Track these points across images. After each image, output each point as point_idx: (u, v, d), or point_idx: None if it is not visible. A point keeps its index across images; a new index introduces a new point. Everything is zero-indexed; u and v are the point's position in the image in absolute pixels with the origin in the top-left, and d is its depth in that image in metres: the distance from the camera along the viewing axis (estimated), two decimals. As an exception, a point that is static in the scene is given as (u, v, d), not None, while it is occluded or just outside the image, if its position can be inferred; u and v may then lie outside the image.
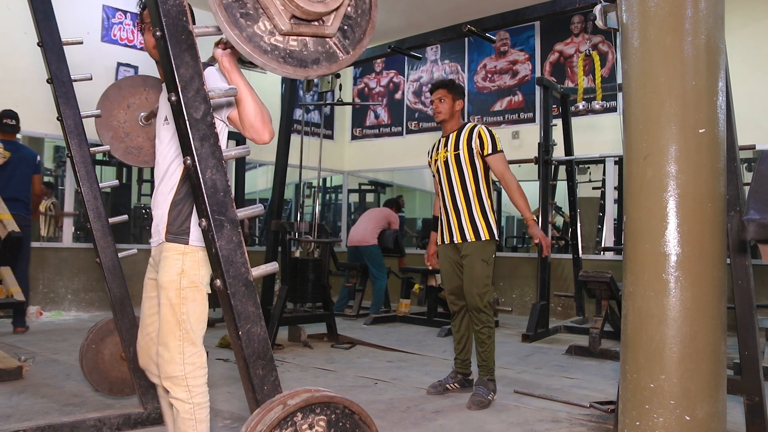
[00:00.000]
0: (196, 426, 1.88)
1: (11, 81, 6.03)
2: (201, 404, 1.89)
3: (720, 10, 1.67)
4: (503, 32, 8.00)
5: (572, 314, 6.76)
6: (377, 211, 7.22)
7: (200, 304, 1.92)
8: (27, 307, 5.56)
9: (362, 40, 1.61)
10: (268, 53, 1.46)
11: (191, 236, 1.91)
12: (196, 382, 1.89)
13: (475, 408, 3.19)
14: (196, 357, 1.90)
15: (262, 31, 1.46)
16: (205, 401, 1.91)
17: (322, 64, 1.54)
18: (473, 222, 3.40)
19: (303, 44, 1.52)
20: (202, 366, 1.91)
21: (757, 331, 2.59)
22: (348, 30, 1.58)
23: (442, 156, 3.54)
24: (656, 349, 1.60)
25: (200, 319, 1.93)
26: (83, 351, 2.98)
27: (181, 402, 1.87)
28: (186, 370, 1.87)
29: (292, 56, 1.50)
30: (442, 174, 3.52)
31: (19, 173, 5.07)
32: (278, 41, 1.48)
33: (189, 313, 1.89)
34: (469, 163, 3.43)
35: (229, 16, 1.42)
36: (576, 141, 6.69)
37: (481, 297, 3.33)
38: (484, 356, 3.36)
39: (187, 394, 1.87)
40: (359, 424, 1.52)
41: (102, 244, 2.66)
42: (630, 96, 1.71)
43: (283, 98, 5.91)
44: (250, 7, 1.45)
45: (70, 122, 2.64)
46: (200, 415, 1.89)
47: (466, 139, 3.46)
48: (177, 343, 1.87)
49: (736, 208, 2.52)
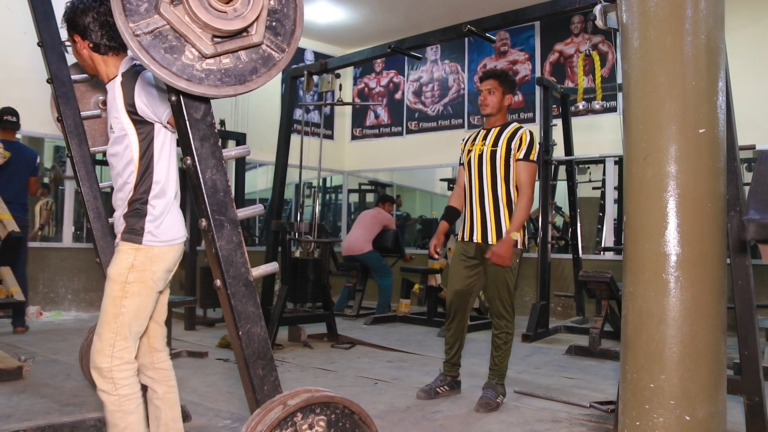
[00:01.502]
0: (124, 417, 1.88)
1: (11, 81, 6.03)
2: (128, 396, 1.89)
3: (720, 10, 1.67)
4: (503, 32, 8.00)
5: (572, 314, 6.75)
6: (369, 216, 7.06)
7: (144, 300, 1.93)
8: (27, 307, 5.56)
9: (294, 32, 1.54)
10: (204, 80, 1.42)
11: (145, 237, 1.92)
12: (121, 374, 1.89)
13: (482, 410, 3.15)
14: (125, 352, 1.90)
15: (191, 59, 1.41)
16: (133, 392, 1.91)
17: (261, 71, 1.49)
18: (498, 225, 3.27)
19: (236, 58, 1.47)
20: (130, 362, 1.91)
21: (757, 331, 2.59)
22: (277, 25, 1.52)
23: (478, 149, 3.37)
24: (656, 349, 1.60)
25: (139, 316, 1.94)
26: (83, 351, 2.98)
27: (106, 394, 1.88)
28: (113, 363, 1.87)
29: (229, 74, 1.45)
30: (474, 168, 3.36)
31: (19, 174, 5.08)
32: (210, 64, 1.43)
33: (128, 308, 1.90)
34: (504, 164, 3.28)
35: (153, 55, 1.37)
36: (576, 141, 6.69)
37: (503, 304, 3.28)
38: (498, 360, 3.31)
39: (111, 386, 1.88)
40: (359, 424, 1.52)
41: (102, 244, 2.66)
42: (630, 96, 1.71)
43: (283, 98, 5.92)
44: (172, 38, 1.40)
45: (70, 122, 2.64)
46: (128, 407, 1.89)
47: (507, 138, 3.29)
48: (110, 335, 1.89)
49: (736, 208, 2.52)
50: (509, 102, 3.40)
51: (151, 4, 1.37)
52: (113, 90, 1.93)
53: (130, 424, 1.89)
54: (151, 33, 1.37)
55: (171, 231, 1.96)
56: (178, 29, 1.38)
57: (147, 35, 1.36)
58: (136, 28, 1.35)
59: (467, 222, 3.39)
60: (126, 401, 1.89)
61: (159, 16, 1.37)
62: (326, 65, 5.05)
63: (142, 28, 1.36)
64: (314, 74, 5.19)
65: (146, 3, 1.36)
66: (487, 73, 3.42)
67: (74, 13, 1.93)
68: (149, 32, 1.36)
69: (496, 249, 3.20)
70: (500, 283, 3.28)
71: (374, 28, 8.41)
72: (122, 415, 1.88)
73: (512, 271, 3.27)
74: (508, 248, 3.19)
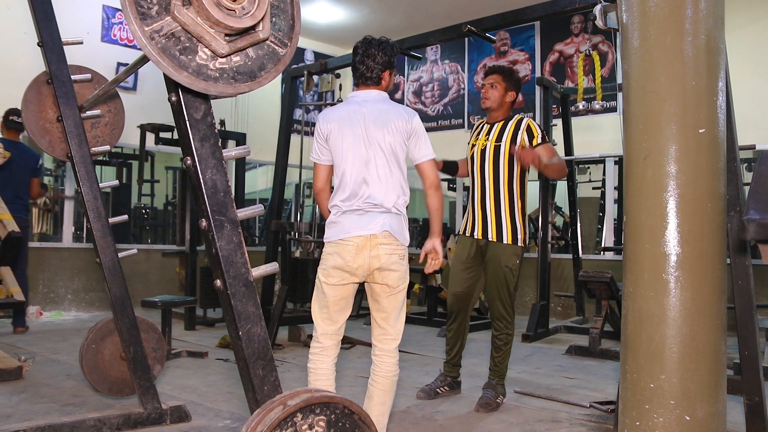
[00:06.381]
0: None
1: (11, 81, 6.01)
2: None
3: (720, 10, 1.67)
4: (503, 32, 8.00)
5: (572, 314, 6.75)
6: None
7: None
8: (27, 307, 5.56)
9: (294, 27, 1.57)
10: (218, 80, 1.43)
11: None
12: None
13: (482, 411, 3.15)
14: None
15: (204, 60, 1.42)
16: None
17: (268, 67, 1.52)
18: (499, 221, 3.25)
19: (245, 55, 1.49)
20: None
21: (757, 331, 2.59)
22: (277, 21, 1.54)
23: (481, 143, 3.34)
24: (656, 349, 1.60)
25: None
26: (83, 351, 2.98)
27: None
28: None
29: (240, 72, 1.47)
30: (476, 162, 3.33)
31: (19, 174, 5.07)
32: (222, 63, 1.45)
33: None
34: (508, 159, 3.24)
35: (170, 59, 1.37)
36: (576, 141, 6.69)
37: (504, 304, 3.27)
38: (498, 361, 3.31)
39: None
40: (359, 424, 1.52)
41: (102, 244, 2.66)
42: (630, 96, 1.71)
43: (283, 98, 5.91)
44: (185, 40, 1.40)
45: (70, 122, 2.64)
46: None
47: (511, 132, 3.26)
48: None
49: (736, 208, 2.52)
50: (511, 99, 3.36)
51: (161, 7, 1.37)
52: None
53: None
54: (165, 35, 1.37)
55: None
56: (193, 30, 1.39)
57: (162, 38, 1.36)
58: (152, 32, 1.35)
59: (469, 217, 3.37)
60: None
61: (171, 18, 1.38)
62: (326, 65, 5.05)
63: (156, 30, 1.36)
64: (314, 74, 5.19)
65: (157, 5, 1.37)
66: (492, 68, 3.40)
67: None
68: (164, 35, 1.37)
69: (522, 151, 3.13)
70: (500, 284, 3.26)
71: (374, 28, 8.41)
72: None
73: (512, 271, 3.26)
74: (535, 155, 3.11)
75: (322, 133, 2.48)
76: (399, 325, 2.52)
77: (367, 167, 2.41)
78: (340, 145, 2.44)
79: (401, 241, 2.42)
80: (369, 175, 2.40)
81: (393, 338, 2.51)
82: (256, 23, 1.44)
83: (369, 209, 2.38)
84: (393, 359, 2.50)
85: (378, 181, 2.40)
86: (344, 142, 2.43)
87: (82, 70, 2.92)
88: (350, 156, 2.42)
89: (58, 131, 2.79)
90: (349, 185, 2.40)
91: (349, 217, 2.38)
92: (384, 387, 2.48)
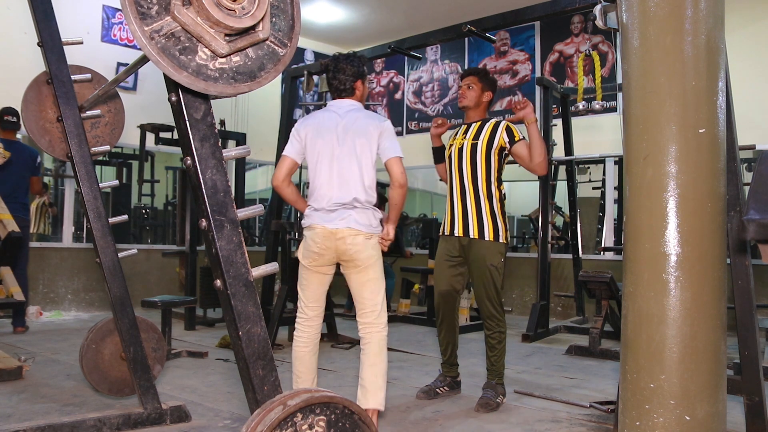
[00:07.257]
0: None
1: (11, 81, 6.02)
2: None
3: (720, 10, 1.67)
4: (503, 32, 8.00)
5: (572, 314, 6.75)
6: None
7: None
8: (27, 307, 5.56)
9: (294, 27, 1.57)
10: (218, 80, 1.44)
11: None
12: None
13: (482, 411, 3.14)
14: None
15: (204, 60, 1.42)
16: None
17: (268, 67, 1.52)
18: (480, 218, 3.26)
19: (245, 56, 1.49)
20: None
21: (757, 331, 2.59)
22: (277, 21, 1.54)
23: (458, 143, 3.38)
24: (656, 349, 1.60)
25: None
26: (83, 351, 2.99)
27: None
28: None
29: (240, 72, 1.48)
30: (454, 161, 3.37)
31: (18, 173, 5.08)
32: (222, 63, 1.45)
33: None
34: (485, 157, 3.27)
35: (170, 59, 1.37)
36: (576, 141, 6.69)
37: (492, 303, 3.27)
38: (494, 360, 3.31)
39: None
40: (359, 424, 1.52)
41: (102, 244, 2.66)
42: (630, 96, 1.71)
43: (283, 98, 5.91)
44: (184, 40, 1.40)
45: (70, 122, 2.64)
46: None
47: (489, 132, 3.29)
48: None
49: (736, 208, 2.52)
50: (488, 99, 3.45)
51: (161, 7, 1.37)
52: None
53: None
54: (165, 35, 1.37)
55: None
56: (193, 30, 1.38)
57: (161, 38, 1.36)
58: (152, 32, 1.35)
59: (448, 216, 3.39)
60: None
61: (171, 18, 1.37)
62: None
63: (156, 30, 1.36)
64: (314, 74, 5.19)
65: (157, 5, 1.36)
66: (467, 70, 3.51)
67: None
68: (163, 35, 1.36)
69: (521, 107, 3.22)
70: (487, 283, 3.27)
71: (374, 28, 8.41)
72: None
73: (498, 270, 3.27)
74: (529, 104, 3.23)
75: (299, 135, 2.81)
76: (375, 298, 2.78)
77: (337, 169, 2.72)
78: (312, 149, 2.76)
79: (368, 231, 2.74)
80: (339, 176, 2.71)
81: (370, 311, 2.77)
82: (256, 23, 1.44)
83: (336, 208, 2.71)
84: (374, 328, 2.75)
85: (346, 183, 2.71)
86: (317, 145, 2.75)
87: (82, 70, 2.92)
88: (322, 158, 2.74)
89: (58, 131, 2.79)
90: (319, 186, 2.74)
91: (319, 212, 2.75)
92: (371, 350, 2.74)
